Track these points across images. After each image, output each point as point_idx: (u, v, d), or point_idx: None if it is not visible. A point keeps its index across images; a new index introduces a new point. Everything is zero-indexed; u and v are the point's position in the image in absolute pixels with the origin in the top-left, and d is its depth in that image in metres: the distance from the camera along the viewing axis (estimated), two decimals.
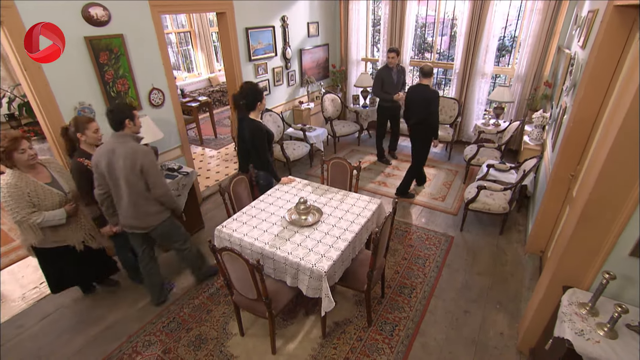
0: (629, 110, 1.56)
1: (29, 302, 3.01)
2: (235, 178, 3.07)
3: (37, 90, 2.70)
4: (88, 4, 2.85)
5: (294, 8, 5.26)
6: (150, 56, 3.45)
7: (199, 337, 2.66)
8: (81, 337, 2.70)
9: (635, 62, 1.59)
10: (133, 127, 2.47)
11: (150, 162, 2.43)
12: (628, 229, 1.72)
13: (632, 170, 1.62)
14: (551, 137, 3.54)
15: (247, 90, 3.00)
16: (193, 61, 8.90)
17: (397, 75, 4.89)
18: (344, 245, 2.39)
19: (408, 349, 2.53)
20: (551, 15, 4.52)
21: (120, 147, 2.36)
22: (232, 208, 2.99)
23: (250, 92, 2.99)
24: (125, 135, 2.42)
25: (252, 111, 3.06)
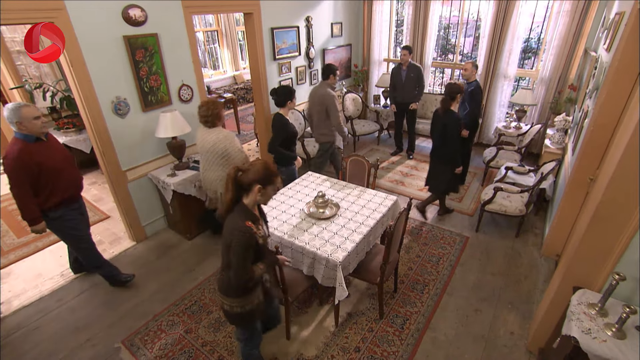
0: None
1: (67, 279, 3.28)
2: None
3: (80, 84, 2.93)
4: (128, 6, 3.07)
5: (318, 9, 5.38)
6: (181, 54, 3.65)
7: (218, 320, 2.83)
8: (112, 313, 2.93)
9: None
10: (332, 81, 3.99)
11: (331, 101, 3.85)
12: None
13: None
14: (572, 141, 3.50)
15: (281, 88, 3.42)
16: (219, 59, 9.18)
17: (407, 73, 4.95)
18: (359, 238, 2.49)
19: (418, 342, 2.61)
20: (579, 17, 4.43)
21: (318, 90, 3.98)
22: None
23: (282, 91, 3.38)
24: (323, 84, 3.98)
25: (282, 107, 3.43)
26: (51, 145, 2.68)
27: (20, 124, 2.45)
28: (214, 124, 3.11)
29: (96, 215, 4.28)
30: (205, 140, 3.11)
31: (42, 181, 2.58)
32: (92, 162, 4.83)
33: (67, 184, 2.75)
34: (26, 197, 2.55)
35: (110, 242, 3.81)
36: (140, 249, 3.70)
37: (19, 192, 2.53)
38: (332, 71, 3.97)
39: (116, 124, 3.28)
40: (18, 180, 2.49)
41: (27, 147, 2.50)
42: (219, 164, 3.15)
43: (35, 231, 2.67)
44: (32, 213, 2.60)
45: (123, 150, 3.40)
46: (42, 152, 2.57)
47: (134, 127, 3.43)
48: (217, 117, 3.10)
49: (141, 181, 3.64)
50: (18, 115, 2.43)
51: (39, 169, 2.53)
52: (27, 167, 2.48)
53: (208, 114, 3.05)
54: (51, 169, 2.60)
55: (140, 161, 3.58)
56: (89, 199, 4.62)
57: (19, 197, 2.54)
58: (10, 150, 2.47)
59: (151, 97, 3.48)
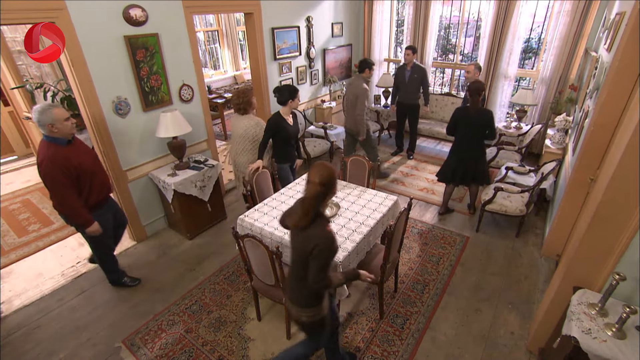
0: None
1: (68, 279, 3.28)
2: (259, 171, 3.26)
3: (81, 84, 2.94)
4: (129, 6, 3.07)
5: (319, 9, 5.38)
6: (182, 54, 3.66)
7: (218, 320, 2.84)
8: (113, 312, 2.94)
9: None
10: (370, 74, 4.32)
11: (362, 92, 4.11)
12: None
13: None
14: (572, 141, 3.50)
15: (284, 87, 3.37)
16: (219, 59, 9.18)
17: (410, 74, 4.95)
18: (359, 238, 2.49)
19: (418, 342, 2.61)
20: (580, 17, 4.43)
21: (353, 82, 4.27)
22: (253, 199, 3.16)
23: (285, 89, 3.35)
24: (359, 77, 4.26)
25: (283, 106, 3.37)
26: (80, 147, 2.63)
27: (52, 126, 2.37)
28: (246, 110, 3.40)
29: None
30: (237, 126, 3.41)
31: (80, 184, 2.54)
32: None
33: (100, 186, 2.73)
34: (74, 201, 2.49)
35: None
36: (140, 249, 3.70)
37: (65, 198, 2.46)
38: (368, 65, 4.24)
39: (117, 123, 3.29)
40: (61, 185, 2.42)
41: (61, 151, 2.43)
42: (249, 149, 3.45)
43: (92, 233, 2.62)
44: (84, 216, 2.55)
45: (124, 150, 3.41)
46: (75, 154, 2.52)
47: (134, 127, 3.43)
48: (249, 104, 3.37)
49: (142, 181, 3.64)
50: (51, 118, 2.36)
51: (76, 172, 2.48)
52: (66, 171, 2.42)
53: (240, 101, 3.34)
54: (87, 171, 2.57)
55: (141, 161, 3.58)
56: None
57: (66, 202, 2.48)
58: (46, 154, 2.38)
59: (152, 97, 3.48)
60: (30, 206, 4.49)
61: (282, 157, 3.53)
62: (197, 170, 3.60)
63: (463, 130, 3.62)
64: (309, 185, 1.73)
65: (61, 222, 4.11)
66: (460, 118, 3.60)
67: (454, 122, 3.66)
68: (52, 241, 3.81)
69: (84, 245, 3.74)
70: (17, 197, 4.72)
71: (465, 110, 3.60)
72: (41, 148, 2.43)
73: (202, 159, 3.81)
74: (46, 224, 4.11)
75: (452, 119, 3.67)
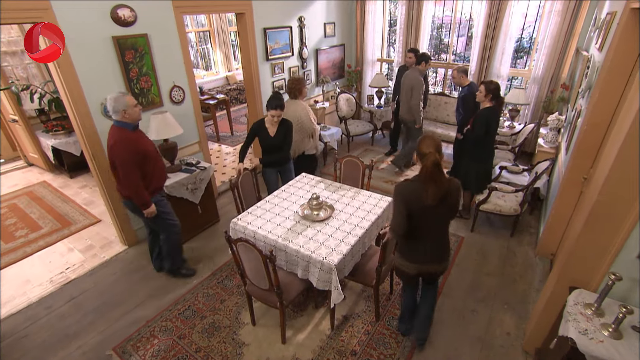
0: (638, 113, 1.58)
1: (56, 285, 3.20)
2: (242, 174, 3.23)
3: (68, 86, 2.87)
4: (117, 6, 3.01)
5: (311, 9, 5.35)
6: (172, 55, 3.59)
7: (212, 325, 2.79)
8: (103, 319, 2.87)
9: None
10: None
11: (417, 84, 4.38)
12: (636, 231, 1.73)
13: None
14: (565, 140, 3.52)
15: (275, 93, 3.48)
16: (211, 60, 9.10)
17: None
18: (354, 240, 2.46)
19: (414, 344, 2.59)
20: (570, 16, 4.46)
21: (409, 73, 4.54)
22: (240, 202, 3.13)
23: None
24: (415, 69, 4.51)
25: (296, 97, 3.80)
26: (144, 135, 2.82)
27: (125, 112, 2.57)
28: (296, 96, 3.86)
29: (87, 219, 4.20)
30: (289, 109, 3.76)
31: (145, 168, 2.72)
32: (83, 165, 4.74)
33: (160, 171, 2.91)
34: (139, 183, 2.67)
35: (102, 246, 3.74)
36: (132, 253, 3.63)
37: (132, 179, 2.64)
38: (425, 59, 4.47)
39: (106, 126, 3.19)
40: (130, 166, 2.60)
41: (131, 135, 2.63)
42: (296, 130, 3.77)
43: (148, 214, 2.81)
44: (145, 197, 2.73)
45: None
46: (142, 140, 2.72)
47: None
48: (299, 91, 3.84)
49: None
50: (124, 104, 2.55)
51: (142, 156, 2.66)
52: (135, 154, 2.61)
53: (292, 87, 3.83)
54: (151, 157, 2.76)
55: None
56: (80, 203, 4.54)
57: (132, 183, 2.65)
58: (118, 138, 2.57)
59: (142, 98, 3.42)
60: (18, 211, 4.39)
61: (265, 162, 3.46)
62: (189, 173, 3.54)
63: (494, 133, 3.43)
64: (426, 156, 1.95)
65: (49, 228, 4.02)
66: (493, 121, 3.34)
67: (486, 125, 3.33)
68: (40, 247, 3.72)
69: (73, 251, 3.67)
70: (3, 201, 4.61)
71: (494, 111, 3.35)
72: (112, 132, 2.64)
73: (193, 162, 3.75)
74: (34, 229, 4.01)
75: (484, 121, 3.33)
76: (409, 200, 2.02)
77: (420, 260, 2.20)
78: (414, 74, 4.48)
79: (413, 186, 2.02)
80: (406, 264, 2.23)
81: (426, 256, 2.19)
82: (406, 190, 2.03)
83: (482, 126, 3.36)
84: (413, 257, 2.20)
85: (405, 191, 2.03)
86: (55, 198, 4.68)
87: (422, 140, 2.03)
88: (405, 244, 2.20)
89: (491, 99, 3.35)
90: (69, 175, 5.19)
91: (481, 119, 3.37)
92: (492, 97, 3.34)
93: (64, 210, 4.38)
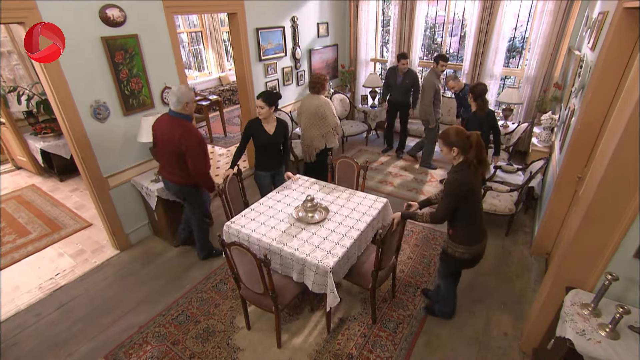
0: (633, 111, 1.57)
1: (45, 292, 3.13)
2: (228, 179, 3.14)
3: (55, 88, 2.80)
4: (105, 5, 2.94)
5: (304, 9, 5.32)
6: (163, 56, 3.53)
7: (206, 330, 2.74)
8: (94, 326, 2.80)
9: None
10: None
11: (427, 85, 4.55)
12: (632, 231, 1.73)
13: (636, 171, 1.64)
14: (559, 139, 3.53)
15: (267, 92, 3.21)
16: (204, 60, 9.02)
17: (402, 79, 5.02)
18: (350, 243, 2.43)
19: (411, 346, 2.57)
20: (562, 16, 4.49)
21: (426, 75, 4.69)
22: (229, 208, 3.07)
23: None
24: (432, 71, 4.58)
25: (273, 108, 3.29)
26: None
27: (187, 104, 2.77)
28: (319, 91, 3.87)
29: (78, 223, 4.12)
30: (309, 104, 3.90)
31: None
32: (73, 168, 4.65)
33: (209, 160, 3.08)
34: (209, 167, 2.98)
35: (93, 250, 3.66)
36: (124, 258, 3.57)
37: (204, 163, 2.92)
38: (441, 58, 4.51)
39: (96, 128, 3.15)
40: (200, 154, 2.85)
41: (193, 126, 2.88)
42: (318, 124, 3.91)
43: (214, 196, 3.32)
44: (212, 180, 3.06)
45: (104, 156, 3.27)
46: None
47: (114, 131, 3.30)
48: (322, 87, 3.86)
49: (124, 187, 3.51)
50: (189, 97, 2.77)
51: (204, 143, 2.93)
52: (202, 142, 2.85)
53: (316, 81, 3.84)
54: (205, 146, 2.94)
55: (123, 167, 3.45)
56: (70, 206, 4.45)
57: (204, 169, 2.93)
58: (186, 128, 2.78)
59: (132, 100, 3.36)
60: (5, 216, 4.29)
61: (259, 164, 3.37)
62: None
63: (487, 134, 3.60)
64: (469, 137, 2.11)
65: (39, 232, 3.94)
66: (484, 122, 3.55)
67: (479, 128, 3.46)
68: (29, 252, 3.63)
69: (64, 256, 3.60)
70: None
71: (475, 115, 3.56)
72: (173, 123, 2.79)
73: None
74: (22, 234, 3.92)
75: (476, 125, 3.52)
76: (474, 187, 2.17)
77: (483, 238, 2.38)
78: (430, 75, 4.57)
79: (470, 172, 2.14)
80: (472, 248, 2.35)
81: (485, 234, 2.40)
82: (469, 179, 2.14)
83: (474, 127, 3.40)
84: (478, 238, 2.35)
85: (471, 179, 2.14)
86: (45, 202, 4.59)
87: (447, 134, 2.17)
88: (467, 231, 2.33)
89: (474, 99, 3.47)
90: (58, 179, 5.09)
91: (471, 124, 3.51)
92: (476, 98, 3.46)
93: (53, 215, 4.29)
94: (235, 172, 3.24)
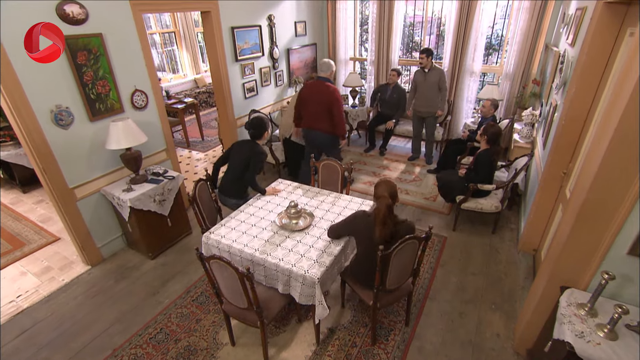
0: (625, 109, 1.52)
1: (6, 317, 2.84)
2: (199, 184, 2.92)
3: (8, 92, 2.54)
4: (62, 2, 2.70)
5: (280, 7, 5.17)
6: (132, 57, 3.31)
7: (188, 349, 2.56)
8: (64, 350, 2.56)
9: (634, 57, 1.55)
10: None
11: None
12: (626, 227, 1.69)
13: (630, 167, 1.59)
14: (542, 135, 3.53)
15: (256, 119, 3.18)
16: (178, 62, 8.72)
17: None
18: (338, 250, 2.32)
19: (404, 353, 2.47)
20: (538, 13, 4.54)
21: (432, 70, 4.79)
22: (202, 216, 2.88)
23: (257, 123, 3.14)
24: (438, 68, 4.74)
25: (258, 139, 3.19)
26: None
27: (332, 72, 3.75)
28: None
29: (43, 237, 3.82)
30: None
31: None
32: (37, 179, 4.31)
33: None
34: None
35: (61, 267, 3.39)
36: (95, 274, 3.32)
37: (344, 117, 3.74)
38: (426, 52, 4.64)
39: (58, 136, 2.90)
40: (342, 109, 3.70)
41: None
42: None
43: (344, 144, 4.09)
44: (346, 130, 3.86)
45: (69, 166, 3.03)
46: None
47: (80, 139, 3.05)
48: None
49: (93, 198, 3.26)
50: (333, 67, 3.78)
51: None
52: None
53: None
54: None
55: (91, 176, 3.21)
56: (35, 220, 4.14)
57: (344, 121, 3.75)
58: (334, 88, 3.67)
59: (99, 104, 3.12)
60: None
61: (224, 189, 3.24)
62: (156, 184, 3.28)
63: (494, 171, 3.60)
64: (380, 199, 2.11)
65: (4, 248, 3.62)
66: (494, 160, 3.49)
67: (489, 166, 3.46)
68: (6, 263, 3.31)
69: (27, 275, 3.31)
70: None
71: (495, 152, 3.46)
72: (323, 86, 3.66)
73: (160, 171, 3.48)
74: None
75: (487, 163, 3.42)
76: (358, 231, 2.24)
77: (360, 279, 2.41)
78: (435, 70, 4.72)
79: (369, 220, 2.18)
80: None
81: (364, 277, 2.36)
82: (362, 221, 2.21)
83: (485, 167, 3.44)
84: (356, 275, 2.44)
85: (361, 222, 2.21)
86: (6, 216, 4.24)
87: (378, 184, 2.21)
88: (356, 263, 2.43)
89: (487, 142, 3.40)
90: (21, 190, 4.74)
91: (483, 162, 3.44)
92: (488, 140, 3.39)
93: (16, 230, 3.97)
94: (203, 177, 3.04)
